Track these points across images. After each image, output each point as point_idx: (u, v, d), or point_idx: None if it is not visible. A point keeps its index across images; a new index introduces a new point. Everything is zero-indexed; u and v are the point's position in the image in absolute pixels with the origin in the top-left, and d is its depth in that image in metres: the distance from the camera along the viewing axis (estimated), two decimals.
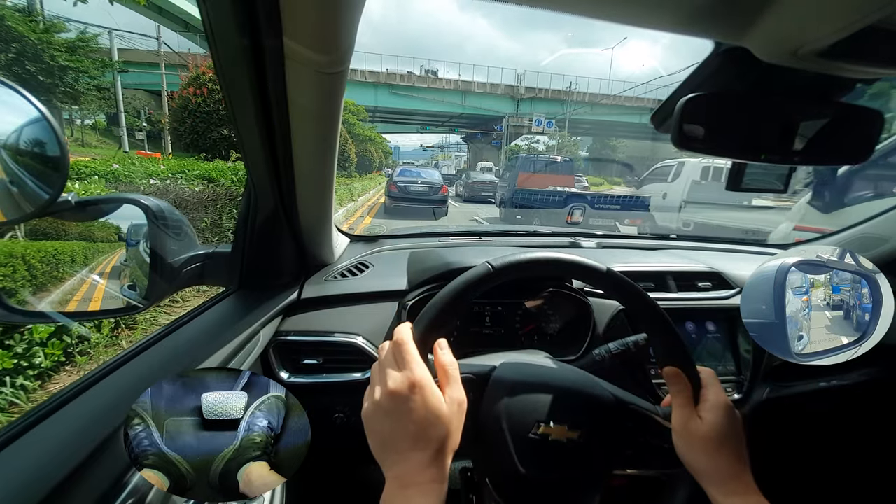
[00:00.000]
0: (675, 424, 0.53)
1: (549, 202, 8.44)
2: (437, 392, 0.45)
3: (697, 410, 0.53)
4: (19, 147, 0.51)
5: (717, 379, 0.55)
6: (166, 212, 0.72)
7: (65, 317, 0.71)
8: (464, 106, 37.95)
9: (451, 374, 0.49)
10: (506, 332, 1.02)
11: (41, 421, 0.49)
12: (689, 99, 0.44)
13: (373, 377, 0.48)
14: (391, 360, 0.47)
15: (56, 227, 1.48)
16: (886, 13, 0.31)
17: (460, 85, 37.40)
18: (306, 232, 0.93)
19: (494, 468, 0.57)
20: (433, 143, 79.15)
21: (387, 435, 0.44)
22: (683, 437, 0.52)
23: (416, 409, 0.43)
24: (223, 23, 0.50)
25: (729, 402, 0.53)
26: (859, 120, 0.47)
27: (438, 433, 0.44)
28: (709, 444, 0.50)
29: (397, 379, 0.45)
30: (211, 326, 0.75)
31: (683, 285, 1.12)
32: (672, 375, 0.55)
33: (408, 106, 36.86)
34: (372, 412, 0.45)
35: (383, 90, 34.48)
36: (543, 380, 0.59)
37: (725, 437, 0.50)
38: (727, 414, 0.51)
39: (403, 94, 35.57)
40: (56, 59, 10.93)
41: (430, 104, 37.01)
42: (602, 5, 0.39)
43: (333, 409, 0.93)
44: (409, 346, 0.47)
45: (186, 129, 9.04)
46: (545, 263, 0.56)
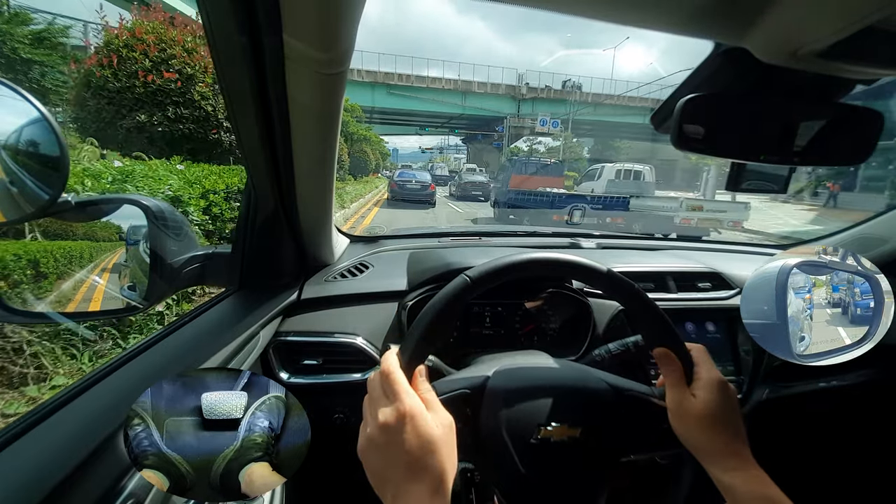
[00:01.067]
0: (669, 404, 0.53)
1: (540, 202, 9.20)
2: (428, 419, 0.45)
3: (690, 389, 0.53)
4: (19, 147, 0.51)
5: (708, 355, 0.55)
6: (166, 212, 0.72)
7: (64, 317, 0.71)
8: (464, 107, 36.52)
9: (429, 400, 0.48)
10: (506, 332, 1.02)
11: (42, 421, 0.49)
12: (689, 99, 0.44)
13: (364, 412, 0.48)
14: (380, 392, 0.47)
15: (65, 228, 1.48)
16: (886, 14, 0.31)
17: (460, 85, 35.85)
18: (306, 232, 0.93)
19: (501, 477, 0.57)
20: (432, 146, 77.37)
21: (383, 469, 0.44)
22: (679, 417, 0.52)
23: (408, 440, 0.43)
24: (222, 20, 0.49)
25: (722, 378, 0.53)
26: (859, 120, 0.47)
27: (434, 460, 0.43)
28: (704, 421, 0.50)
29: (387, 412, 0.44)
30: (211, 327, 0.76)
31: (683, 286, 1.12)
32: (662, 356, 0.55)
33: (406, 106, 35.26)
34: (366, 448, 0.45)
35: (381, 90, 33.20)
36: (538, 382, 0.59)
37: (720, 413, 0.50)
38: (720, 390, 0.51)
39: (402, 95, 34.09)
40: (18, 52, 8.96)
41: (429, 104, 35.52)
42: (602, 6, 0.39)
43: (333, 410, 0.93)
44: (395, 374, 0.47)
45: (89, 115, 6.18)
46: (520, 266, 0.55)
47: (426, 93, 34.92)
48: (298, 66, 0.53)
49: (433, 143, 76.90)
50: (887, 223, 1.12)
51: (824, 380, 1.13)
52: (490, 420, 0.56)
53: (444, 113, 38.24)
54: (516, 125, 37.53)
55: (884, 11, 0.31)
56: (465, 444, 0.54)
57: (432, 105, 35.66)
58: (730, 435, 0.50)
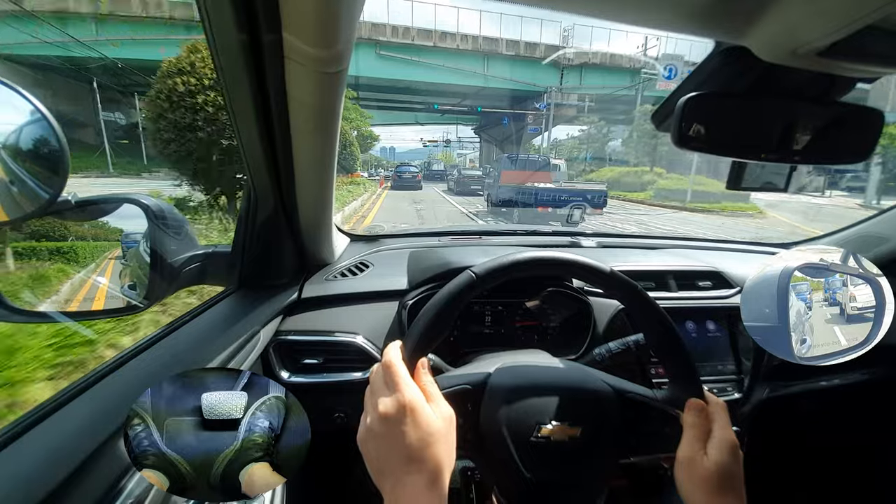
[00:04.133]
0: (680, 456, 0.52)
1: (527, 196, 9.74)
2: (428, 411, 0.45)
3: (704, 445, 0.51)
4: (19, 147, 0.51)
5: (727, 412, 0.54)
6: (166, 211, 0.72)
7: (65, 316, 0.71)
8: (486, 76, 25.47)
9: (431, 392, 0.48)
10: (506, 331, 1.02)
11: (41, 421, 0.49)
12: (690, 98, 0.44)
13: (365, 403, 0.48)
14: (381, 383, 0.47)
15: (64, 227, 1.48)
16: (885, 13, 0.31)
17: (482, 45, 24.74)
18: (306, 231, 0.93)
19: (500, 476, 0.57)
20: (437, 138, 65.29)
21: (382, 459, 0.44)
22: (687, 470, 0.51)
23: (408, 432, 0.43)
24: (222, 17, 0.49)
25: (735, 440, 0.51)
26: (859, 119, 0.47)
27: (433, 452, 0.43)
28: (711, 482, 0.49)
29: (387, 402, 0.44)
30: (211, 326, 0.76)
31: (684, 284, 1.12)
32: (695, 408, 0.53)
33: (404, 76, 24.42)
34: (365, 438, 0.45)
35: (367, 51, 22.61)
36: (539, 380, 0.59)
37: (728, 477, 0.49)
38: (732, 453, 0.50)
39: (397, 58, 23.32)
40: None
41: (436, 73, 24.53)
42: (602, 5, 0.39)
43: (334, 410, 0.93)
44: (396, 366, 0.47)
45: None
46: (525, 263, 0.55)
47: (433, 55, 24.25)
48: (298, 65, 0.53)
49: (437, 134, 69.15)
50: (887, 222, 1.12)
51: (825, 379, 1.13)
52: (490, 417, 0.56)
53: (458, 87, 26.83)
54: (557, 102, 26.48)
55: (884, 10, 0.31)
56: (465, 439, 0.54)
57: (442, 74, 24.85)
58: (733, 499, 0.49)
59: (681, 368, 0.57)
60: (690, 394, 0.54)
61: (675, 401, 0.56)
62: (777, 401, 1.09)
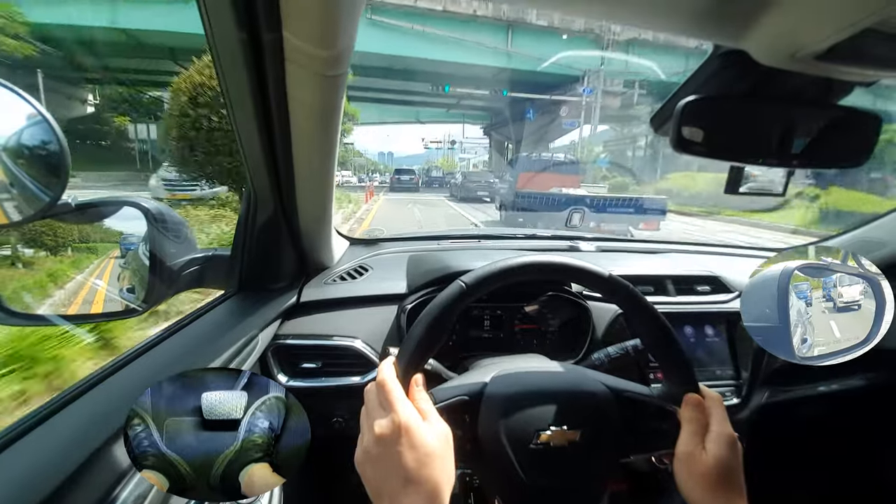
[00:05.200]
0: (679, 451, 0.52)
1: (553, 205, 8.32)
2: (424, 431, 0.44)
3: (702, 440, 0.51)
4: (19, 149, 0.51)
5: (724, 406, 0.54)
6: (166, 214, 0.72)
7: (63, 319, 0.70)
8: (509, 54, 19.71)
9: (425, 410, 0.47)
10: (505, 335, 1.02)
11: (42, 423, 0.49)
12: (688, 102, 0.44)
13: (361, 424, 0.48)
14: (375, 403, 0.47)
15: None
16: (883, 16, 0.31)
17: (505, 13, 18.77)
18: (305, 235, 0.93)
19: (501, 484, 0.57)
20: (440, 139, 59.74)
21: (380, 481, 0.43)
22: (686, 466, 0.51)
23: (404, 453, 0.42)
24: (222, 18, 0.49)
25: (733, 434, 0.51)
26: (858, 123, 0.48)
27: (430, 473, 0.43)
28: (710, 477, 0.49)
29: (382, 424, 0.44)
30: (210, 329, 0.75)
31: (682, 289, 1.12)
32: (692, 402, 0.53)
33: (403, 52, 18.41)
34: (363, 460, 0.45)
35: None
36: (536, 386, 0.59)
37: (727, 471, 0.49)
38: (730, 447, 0.50)
39: (395, 26, 17.75)
40: None
41: (444, 49, 18.64)
42: (603, 6, 0.39)
43: (332, 414, 0.93)
44: (390, 385, 0.46)
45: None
46: (516, 270, 0.55)
47: (442, 23, 18.43)
48: (299, 67, 0.54)
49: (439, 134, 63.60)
50: (887, 227, 1.12)
51: (824, 383, 1.13)
52: (489, 427, 0.55)
53: (472, 68, 20.55)
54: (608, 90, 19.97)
55: (881, 14, 0.31)
56: (464, 450, 0.53)
57: (452, 50, 18.98)
58: (734, 493, 0.49)
59: (676, 364, 0.57)
60: (686, 389, 0.54)
61: (671, 397, 0.56)
62: (776, 406, 1.08)
